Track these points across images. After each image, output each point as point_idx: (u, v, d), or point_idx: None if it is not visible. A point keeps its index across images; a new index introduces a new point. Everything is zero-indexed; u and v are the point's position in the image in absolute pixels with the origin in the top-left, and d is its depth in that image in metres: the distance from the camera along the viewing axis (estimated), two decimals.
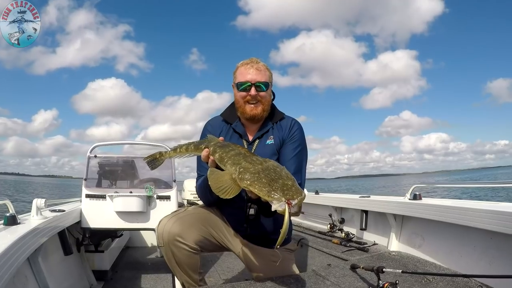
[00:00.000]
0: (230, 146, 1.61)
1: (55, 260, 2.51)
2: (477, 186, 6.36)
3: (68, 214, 2.75)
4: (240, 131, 2.00)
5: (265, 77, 1.94)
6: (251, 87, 1.90)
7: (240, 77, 1.93)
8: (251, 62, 1.95)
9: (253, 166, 1.40)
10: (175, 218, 1.84)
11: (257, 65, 1.94)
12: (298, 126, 2.02)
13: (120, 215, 3.04)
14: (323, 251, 3.11)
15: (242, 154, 1.51)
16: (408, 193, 2.78)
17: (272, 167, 1.40)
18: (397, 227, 2.86)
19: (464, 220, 2.06)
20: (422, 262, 2.29)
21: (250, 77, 1.90)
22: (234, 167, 1.45)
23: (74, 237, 3.01)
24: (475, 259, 2.07)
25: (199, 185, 1.97)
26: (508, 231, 1.76)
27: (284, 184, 1.30)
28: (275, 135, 1.98)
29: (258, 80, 1.91)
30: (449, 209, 2.20)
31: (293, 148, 1.93)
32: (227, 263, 3.21)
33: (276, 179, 1.32)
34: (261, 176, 1.33)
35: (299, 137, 1.98)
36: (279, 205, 1.25)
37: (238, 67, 1.97)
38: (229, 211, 2.00)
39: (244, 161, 1.45)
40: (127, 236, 4.39)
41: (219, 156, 1.58)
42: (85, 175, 3.12)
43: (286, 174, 1.38)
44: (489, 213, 1.88)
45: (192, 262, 1.83)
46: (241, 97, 1.94)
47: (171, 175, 3.26)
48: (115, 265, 3.54)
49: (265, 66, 1.96)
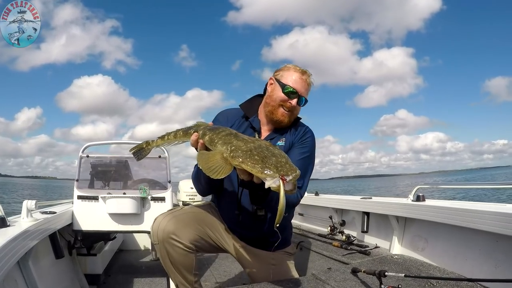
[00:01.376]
0: (220, 128, 1.60)
1: (46, 263, 2.50)
2: (481, 187, 6.37)
3: (60, 216, 2.74)
4: (256, 126, 1.99)
5: (308, 93, 1.97)
6: (295, 97, 1.91)
7: (291, 81, 1.92)
8: (306, 74, 1.96)
9: (245, 144, 1.39)
10: (170, 216, 1.84)
11: (309, 79, 1.96)
12: (310, 134, 2.01)
13: (113, 217, 3.04)
14: (323, 254, 3.10)
15: (233, 134, 1.50)
16: (411, 194, 2.78)
17: (265, 146, 1.39)
18: (399, 230, 2.86)
19: (469, 223, 2.06)
20: (426, 266, 2.29)
21: (300, 87, 1.91)
22: (225, 146, 1.43)
23: (66, 240, 3.00)
24: (481, 262, 2.07)
25: (194, 173, 1.96)
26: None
27: (277, 161, 1.29)
28: (287, 138, 1.97)
29: (304, 95, 1.93)
30: (453, 211, 2.20)
31: (300, 152, 1.92)
32: (224, 266, 3.21)
33: (269, 156, 1.31)
34: (253, 153, 1.32)
35: (309, 144, 1.97)
36: (273, 181, 1.24)
37: (291, 68, 1.97)
38: (223, 202, 2.00)
39: (235, 140, 1.43)
40: (121, 238, 4.39)
41: (209, 138, 1.56)
42: (77, 175, 3.11)
43: (280, 152, 1.37)
44: (495, 215, 1.88)
45: (187, 262, 1.83)
46: (281, 99, 1.92)
47: (166, 175, 3.25)
48: (108, 268, 3.53)
49: (311, 85, 1.99)
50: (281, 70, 1.99)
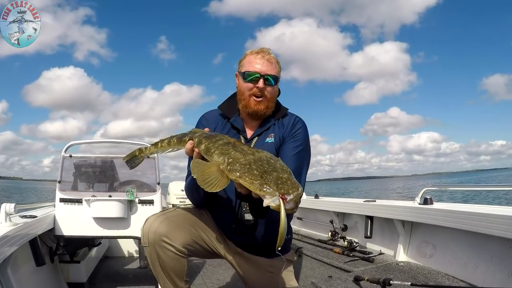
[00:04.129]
0: (217, 136, 1.58)
1: (26, 271, 2.48)
2: (495, 189, 6.40)
3: (40, 220, 2.71)
4: (238, 126, 1.99)
5: (275, 71, 1.93)
6: (260, 79, 1.89)
7: (249, 66, 1.92)
8: (262, 52, 1.94)
9: (244, 157, 1.36)
10: (162, 217, 1.83)
11: (269, 56, 1.93)
12: (301, 124, 2.00)
13: (98, 222, 3.01)
14: (323, 262, 3.10)
15: (232, 144, 1.48)
16: (418, 197, 2.78)
17: (265, 158, 1.36)
18: (405, 235, 2.86)
19: (481, 227, 2.05)
20: (434, 274, 2.29)
21: (259, 67, 1.90)
22: (222, 157, 1.41)
23: (47, 246, 2.98)
24: (493, 270, 2.07)
25: (187, 183, 1.95)
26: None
27: (278, 177, 1.27)
28: (275, 133, 1.96)
29: (268, 73, 1.90)
30: (463, 215, 2.20)
31: (293, 147, 1.91)
32: (217, 274, 3.20)
33: (269, 171, 1.29)
34: (252, 167, 1.30)
35: (302, 136, 1.96)
36: (272, 200, 1.22)
37: (247, 55, 1.97)
38: (218, 212, 1.98)
39: (233, 151, 1.41)
40: (106, 244, 4.36)
41: (205, 147, 1.54)
42: (59, 177, 3.09)
43: (281, 166, 1.35)
44: (509, 219, 1.88)
45: (178, 267, 1.81)
46: (247, 89, 1.92)
47: (155, 177, 3.24)
48: (92, 276, 3.51)
49: (276, 59, 1.96)
50: (240, 61, 2.00)
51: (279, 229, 1.22)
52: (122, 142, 3.42)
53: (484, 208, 2.21)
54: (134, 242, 4.32)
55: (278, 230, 1.25)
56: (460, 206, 2.44)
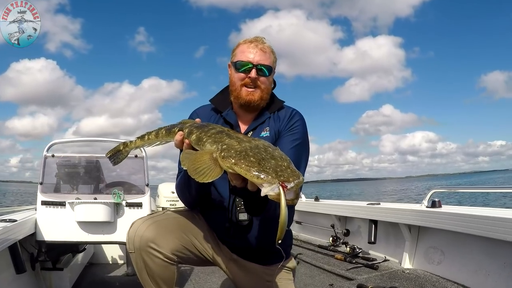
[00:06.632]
0: (210, 125, 1.56)
1: (5, 279, 2.47)
2: (506, 191, 6.42)
3: (21, 224, 2.70)
4: (231, 120, 1.97)
5: (269, 61, 1.93)
6: (252, 69, 1.89)
7: (241, 56, 1.92)
8: (256, 41, 1.94)
9: (239, 144, 1.33)
10: (150, 221, 1.80)
11: (262, 46, 1.93)
12: (299, 117, 1.99)
13: (82, 226, 3.00)
14: (324, 269, 3.10)
15: (225, 132, 1.45)
16: (426, 200, 2.77)
17: (262, 146, 1.33)
18: (412, 240, 2.85)
19: (493, 232, 2.05)
20: (442, 282, 2.29)
21: (252, 57, 1.89)
22: (215, 145, 1.38)
23: (28, 252, 2.96)
24: (505, 277, 2.07)
25: (178, 180, 1.93)
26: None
27: (277, 165, 1.23)
28: (271, 126, 1.95)
29: (261, 62, 1.90)
30: (475, 219, 2.19)
31: (291, 140, 1.90)
32: (210, 282, 3.19)
33: (267, 158, 1.25)
34: (248, 154, 1.26)
35: (300, 129, 1.95)
36: (271, 189, 1.18)
37: (240, 44, 1.96)
38: (211, 213, 1.96)
39: (228, 139, 1.39)
40: (91, 250, 4.35)
41: (196, 136, 1.52)
42: (40, 178, 3.08)
43: (280, 154, 1.31)
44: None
45: (166, 275, 1.79)
46: (238, 79, 1.92)
47: (143, 178, 3.23)
48: (76, 284, 3.50)
49: (271, 49, 1.96)
50: (233, 50, 2.00)
51: (279, 220, 1.19)
52: (107, 141, 3.40)
53: (497, 212, 2.21)
54: (120, 248, 4.31)
55: (274, 231, 1.22)
56: (471, 210, 2.43)
